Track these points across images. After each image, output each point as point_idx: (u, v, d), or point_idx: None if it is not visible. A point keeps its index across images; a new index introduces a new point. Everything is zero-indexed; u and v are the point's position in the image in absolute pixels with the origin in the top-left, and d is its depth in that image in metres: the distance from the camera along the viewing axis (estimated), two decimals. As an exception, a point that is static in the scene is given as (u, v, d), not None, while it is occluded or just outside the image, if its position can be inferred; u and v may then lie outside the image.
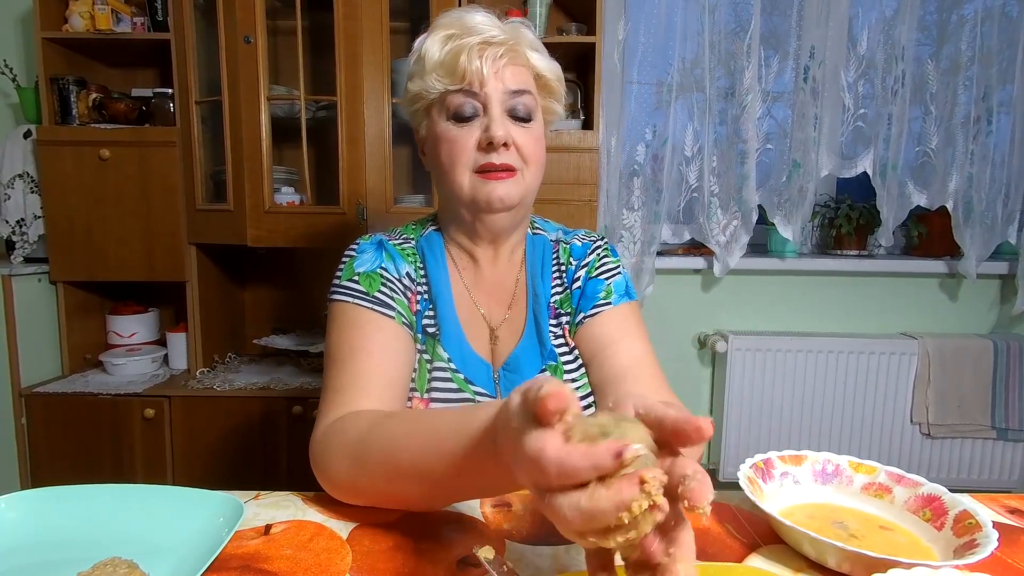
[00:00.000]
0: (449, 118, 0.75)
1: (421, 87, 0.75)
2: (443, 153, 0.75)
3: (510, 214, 0.78)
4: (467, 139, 0.74)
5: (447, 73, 0.73)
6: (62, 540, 0.53)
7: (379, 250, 0.81)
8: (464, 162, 0.74)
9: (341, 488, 0.61)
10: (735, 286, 2.06)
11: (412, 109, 0.80)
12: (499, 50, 0.73)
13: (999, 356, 1.93)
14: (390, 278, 0.78)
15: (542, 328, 0.82)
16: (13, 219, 1.73)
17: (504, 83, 0.74)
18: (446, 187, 0.78)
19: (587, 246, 0.87)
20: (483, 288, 0.84)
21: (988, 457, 1.98)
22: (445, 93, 0.74)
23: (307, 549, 0.53)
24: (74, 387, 1.69)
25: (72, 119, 1.72)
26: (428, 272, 0.81)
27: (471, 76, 0.72)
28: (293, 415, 1.66)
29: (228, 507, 0.55)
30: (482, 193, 0.74)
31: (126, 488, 0.57)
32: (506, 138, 0.73)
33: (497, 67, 0.73)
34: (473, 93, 0.73)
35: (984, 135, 1.90)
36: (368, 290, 0.76)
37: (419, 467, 0.52)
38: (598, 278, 0.84)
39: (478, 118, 0.74)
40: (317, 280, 2.06)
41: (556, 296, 0.84)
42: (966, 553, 0.49)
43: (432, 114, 0.77)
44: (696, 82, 1.91)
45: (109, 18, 1.68)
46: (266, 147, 1.61)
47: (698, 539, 0.57)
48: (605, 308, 0.81)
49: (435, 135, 0.76)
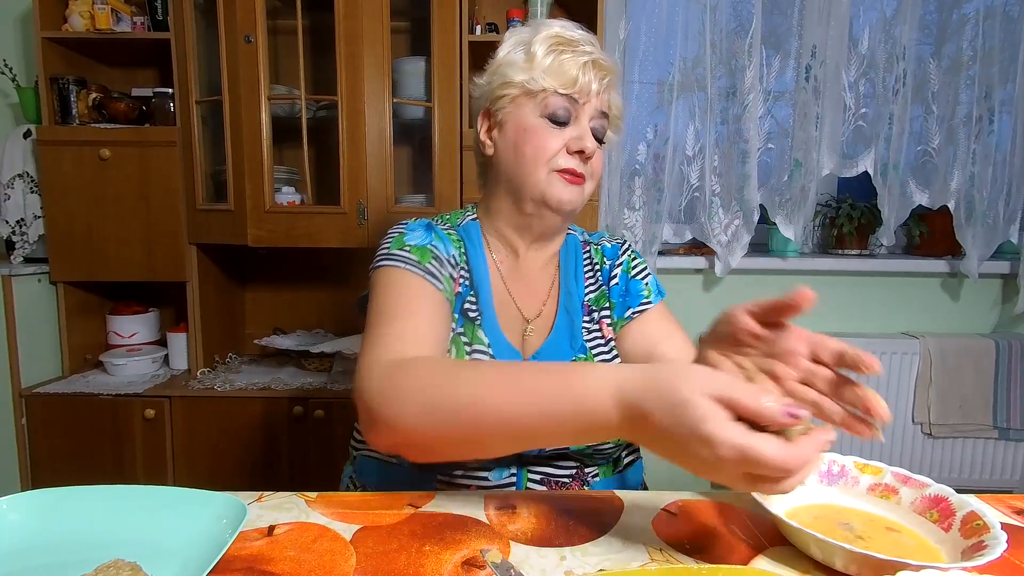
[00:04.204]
0: (544, 115, 0.79)
1: (524, 78, 0.79)
2: (529, 145, 0.79)
3: (564, 217, 0.84)
4: (555, 140, 0.79)
5: (557, 77, 0.78)
6: (64, 542, 0.52)
7: (428, 230, 0.84)
8: (546, 159, 0.79)
9: (401, 431, 0.58)
10: (736, 286, 2.06)
11: (499, 94, 0.82)
12: (604, 74, 0.80)
13: (1001, 356, 1.93)
14: (439, 255, 0.81)
15: (575, 324, 0.86)
16: (13, 219, 1.73)
17: (599, 104, 0.81)
18: (517, 178, 0.81)
19: (616, 247, 0.94)
20: (519, 280, 0.87)
21: (990, 457, 1.98)
22: (547, 92, 0.78)
23: (311, 551, 0.53)
24: (74, 387, 1.69)
25: (72, 119, 1.72)
26: (469, 258, 0.85)
27: (580, 87, 0.78)
28: (294, 415, 1.66)
29: (231, 508, 0.55)
30: (554, 191, 0.80)
31: (129, 489, 0.57)
32: (594, 151, 0.80)
33: (600, 89, 0.80)
34: (574, 101, 0.79)
35: (985, 134, 1.90)
36: (420, 259, 0.78)
37: (506, 418, 0.52)
38: (637, 278, 0.90)
39: (569, 126, 0.80)
40: (318, 280, 2.06)
41: (590, 294, 0.89)
42: (974, 555, 0.49)
43: (521, 105, 0.80)
44: (697, 81, 1.91)
45: (109, 17, 1.67)
46: (267, 147, 1.61)
47: (704, 541, 0.56)
48: (648, 307, 0.88)
49: (522, 126, 0.80)
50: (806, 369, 0.56)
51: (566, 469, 0.81)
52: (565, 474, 0.81)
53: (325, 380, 1.75)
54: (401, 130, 1.79)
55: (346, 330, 2.01)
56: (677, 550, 0.55)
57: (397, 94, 1.68)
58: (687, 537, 0.57)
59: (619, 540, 0.56)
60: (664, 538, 0.57)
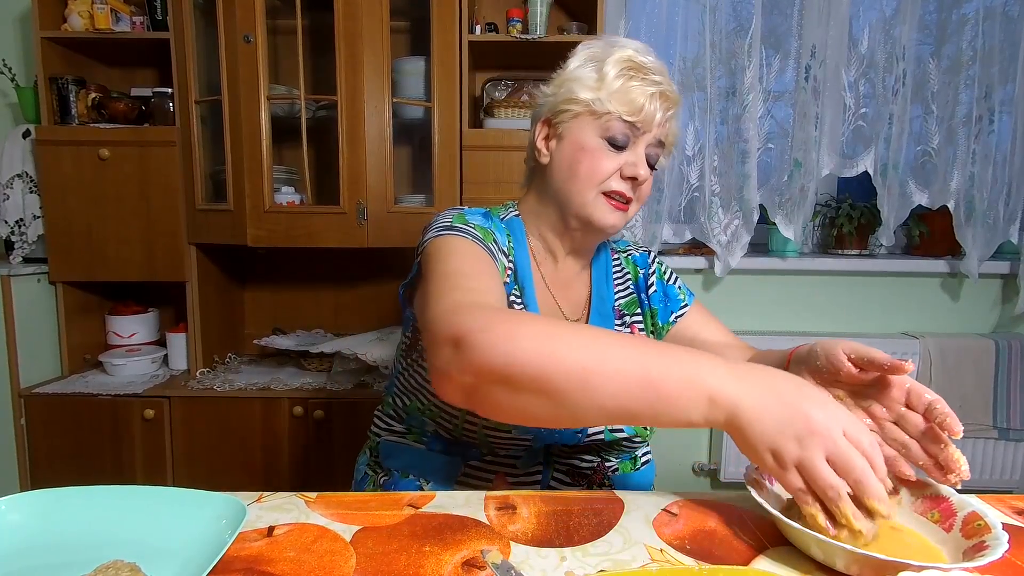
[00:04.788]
0: (604, 137, 0.81)
1: (592, 97, 0.80)
2: (584, 164, 0.81)
3: (606, 236, 0.88)
4: (611, 163, 0.81)
5: (624, 103, 0.79)
6: (64, 543, 0.52)
7: (487, 218, 0.86)
8: (599, 181, 0.81)
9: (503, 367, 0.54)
10: (736, 286, 2.06)
11: (564, 108, 0.83)
12: (669, 106, 0.82)
13: (1001, 356, 1.93)
14: (497, 240, 0.83)
15: (607, 327, 0.88)
16: (12, 219, 1.73)
17: (659, 133, 0.83)
18: (566, 194, 0.83)
19: (645, 256, 0.99)
20: (558, 282, 0.90)
21: (990, 457, 1.98)
22: (612, 116, 0.80)
23: (311, 551, 0.53)
24: (74, 388, 1.69)
25: (71, 119, 1.71)
26: (515, 253, 0.86)
27: (645, 115, 0.80)
28: (294, 416, 1.66)
29: (231, 509, 0.54)
30: (599, 214, 0.82)
31: (128, 490, 0.57)
32: (646, 179, 0.82)
33: (663, 119, 0.82)
34: (635, 128, 0.80)
35: (985, 134, 1.90)
36: (483, 237, 0.79)
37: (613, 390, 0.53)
38: (672, 284, 0.96)
39: (625, 151, 0.81)
40: (317, 280, 2.06)
41: (620, 300, 0.93)
42: (976, 555, 0.49)
43: (583, 122, 0.82)
44: (697, 81, 1.91)
45: (108, 17, 1.67)
46: (266, 147, 1.61)
47: (704, 541, 0.56)
48: (687, 309, 0.94)
49: (580, 144, 0.81)
50: (900, 413, 0.62)
51: (588, 462, 0.84)
52: (587, 466, 0.85)
53: (325, 380, 1.75)
54: (401, 130, 1.79)
55: (346, 330, 2.01)
56: (678, 550, 0.54)
57: (397, 94, 1.68)
58: (688, 537, 0.57)
59: (619, 540, 0.56)
60: (665, 538, 0.56)
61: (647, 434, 0.86)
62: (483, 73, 1.95)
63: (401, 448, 0.84)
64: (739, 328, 2.03)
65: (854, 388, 0.65)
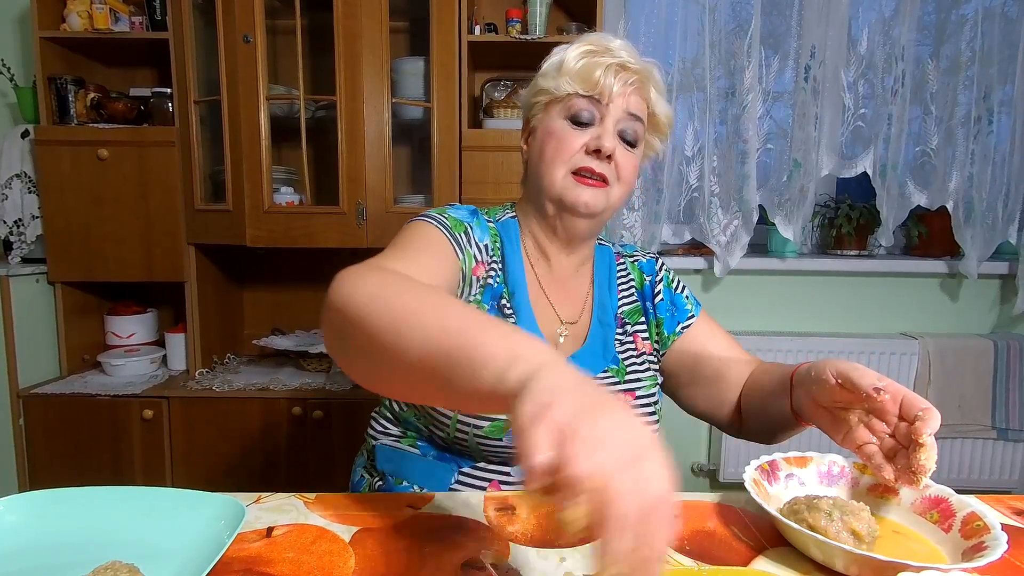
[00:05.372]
0: (566, 117, 0.80)
1: (552, 85, 0.80)
2: (549, 146, 0.80)
3: (588, 221, 0.83)
4: (576, 140, 0.79)
5: (580, 80, 0.79)
6: (62, 543, 0.52)
7: (472, 215, 0.85)
8: (565, 159, 0.80)
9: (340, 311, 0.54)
10: (735, 286, 2.06)
11: (533, 101, 0.85)
12: (631, 76, 0.80)
13: (999, 356, 1.93)
14: (472, 236, 0.82)
15: (608, 335, 0.86)
16: (11, 219, 1.72)
17: (625, 105, 0.80)
18: (539, 179, 0.82)
19: (652, 262, 0.96)
20: (554, 284, 0.88)
21: (988, 457, 1.98)
22: (571, 95, 0.79)
23: (310, 552, 0.53)
24: (72, 388, 1.68)
25: (70, 119, 1.71)
26: (504, 256, 0.85)
27: (601, 88, 0.78)
28: (293, 416, 1.66)
29: (230, 510, 0.54)
30: (571, 194, 0.80)
31: (127, 490, 0.57)
32: (612, 151, 0.79)
33: (625, 90, 0.79)
34: (596, 102, 0.79)
35: (984, 135, 1.90)
36: (452, 227, 0.80)
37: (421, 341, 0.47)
38: (679, 293, 0.93)
39: (592, 127, 0.80)
40: (317, 280, 2.05)
41: (624, 307, 0.91)
42: (975, 556, 0.49)
43: (551, 110, 0.82)
44: (696, 82, 1.91)
45: (107, 17, 1.67)
46: (265, 147, 1.61)
47: (704, 542, 0.56)
48: (693, 320, 0.91)
49: (547, 128, 0.82)
50: (895, 425, 0.61)
51: None
52: None
53: (324, 381, 1.74)
54: (400, 130, 1.79)
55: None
56: (677, 551, 0.54)
57: (396, 94, 1.68)
58: (687, 538, 0.57)
59: (619, 541, 0.56)
60: (664, 539, 0.56)
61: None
62: (482, 73, 1.95)
63: (397, 453, 0.83)
64: (738, 328, 2.03)
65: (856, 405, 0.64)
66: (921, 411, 0.57)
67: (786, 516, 0.54)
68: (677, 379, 0.92)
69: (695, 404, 0.92)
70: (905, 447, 0.59)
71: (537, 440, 0.34)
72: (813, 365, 0.68)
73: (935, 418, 0.56)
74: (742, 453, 1.98)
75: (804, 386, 0.68)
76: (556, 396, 0.37)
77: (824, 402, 0.66)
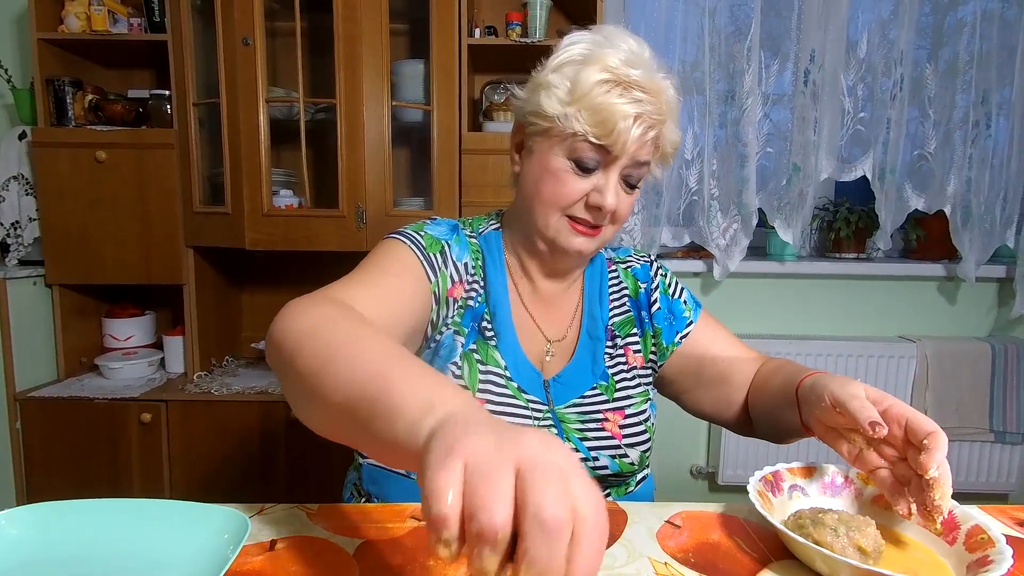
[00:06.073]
0: (570, 158, 0.74)
1: (559, 112, 0.72)
2: (546, 185, 0.75)
3: (579, 258, 0.82)
4: (576, 188, 0.74)
5: (594, 124, 0.70)
6: (64, 557, 0.52)
7: (452, 231, 0.83)
8: (563, 205, 0.75)
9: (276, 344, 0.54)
10: (735, 289, 2.06)
11: (530, 120, 0.77)
12: (651, 124, 0.73)
13: (997, 359, 1.93)
14: (448, 255, 0.80)
15: (597, 350, 0.83)
16: (8, 221, 1.72)
17: (635, 154, 0.74)
18: (531, 215, 0.78)
19: (647, 267, 0.91)
20: (539, 302, 0.85)
21: (986, 460, 1.99)
22: (579, 137, 0.72)
23: (313, 565, 0.53)
24: (69, 391, 1.68)
25: (68, 120, 1.70)
26: (486, 273, 0.82)
27: (616, 137, 0.71)
28: (291, 419, 1.65)
29: (233, 523, 0.54)
30: (563, 239, 0.77)
31: (130, 503, 0.56)
32: (613, 208, 0.74)
33: (639, 142, 0.72)
34: (606, 152, 0.72)
35: (982, 138, 1.90)
36: (426, 246, 0.78)
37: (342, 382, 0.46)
38: (677, 298, 0.89)
39: (595, 172, 0.74)
40: (316, 283, 2.04)
41: (615, 318, 0.87)
42: (980, 570, 0.49)
43: (552, 139, 0.75)
44: (696, 85, 1.91)
45: (105, 19, 1.66)
46: (264, 149, 1.60)
47: (708, 554, 0.56)
48: (692, 328, 0.88)
49: (546, 164, 0.75)
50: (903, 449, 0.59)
51: None
52: None
53: (323, 384, 1.74)
54: (400, 133, 1.79)
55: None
56: (682, 563, 0.54)
57: (396, 97, 1.67)
58: (692, 550, 0.57)
59: (623, 554, 0.56)
60: (669, 551, 0.56)
61: (633, 468, 0.79)
62: (482, 76, 1.95)
63: (381, 473, 0.79)
64: (737, 332, 2.01)
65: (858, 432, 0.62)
66: (927, 438, 0.55)
67: (791, 529, 0.54)
68: (681, 385, 0.90)
69: (701, 407, 0.90)
70: (918, 475, 0.56)
71: (440, 485, 0.31)
72: (815, 383, 0.65)
73: (941, 447, 0.54)
74: (741, 455, 1.98)
75: (808, 405, 0.66)
76: (463, 436, 0.34)
77: (828, 423, 0.64)
